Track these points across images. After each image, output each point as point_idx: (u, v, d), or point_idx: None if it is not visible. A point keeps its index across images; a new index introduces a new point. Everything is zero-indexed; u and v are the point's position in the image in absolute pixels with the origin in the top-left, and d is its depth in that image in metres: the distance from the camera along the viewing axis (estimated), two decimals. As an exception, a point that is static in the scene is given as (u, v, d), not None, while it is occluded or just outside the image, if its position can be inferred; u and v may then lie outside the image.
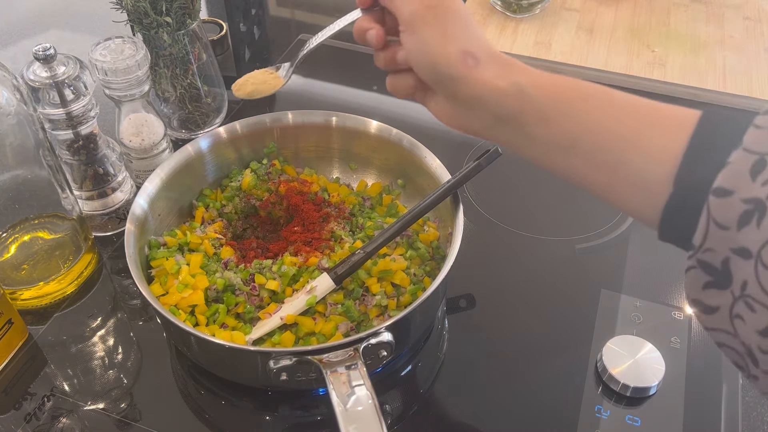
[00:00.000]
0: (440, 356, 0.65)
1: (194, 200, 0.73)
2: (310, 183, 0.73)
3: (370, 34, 0.49)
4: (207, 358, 0.60)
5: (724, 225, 0.34)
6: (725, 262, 0.34)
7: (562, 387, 0.61)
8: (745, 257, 0.33)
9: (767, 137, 0.33)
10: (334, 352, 0.52)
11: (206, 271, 0.64)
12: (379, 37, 0.49)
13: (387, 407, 0.60)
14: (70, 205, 0.68)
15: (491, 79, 0.44)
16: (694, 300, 0.36)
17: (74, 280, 0.70)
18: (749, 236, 0.33)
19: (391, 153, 0.73)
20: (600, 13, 1.06)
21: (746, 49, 0.99)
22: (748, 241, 0.33)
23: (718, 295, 0.35)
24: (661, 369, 0.60)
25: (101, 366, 0.64)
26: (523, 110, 0.43)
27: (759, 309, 0.33)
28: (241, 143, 0.74)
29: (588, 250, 0.74)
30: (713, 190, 0.34)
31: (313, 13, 1.17)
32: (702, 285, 0.35)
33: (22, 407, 0.60)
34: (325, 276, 0.61)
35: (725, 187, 0.34)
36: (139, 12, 0.75)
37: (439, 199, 0.63)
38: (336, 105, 0.94)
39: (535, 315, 0.68)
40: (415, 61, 0.47)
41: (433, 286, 0.57)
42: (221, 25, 1.04)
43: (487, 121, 0.46)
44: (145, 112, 0.75)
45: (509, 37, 1.01)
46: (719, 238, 0.34)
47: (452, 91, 0.46)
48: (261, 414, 0.61)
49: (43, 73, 0.64)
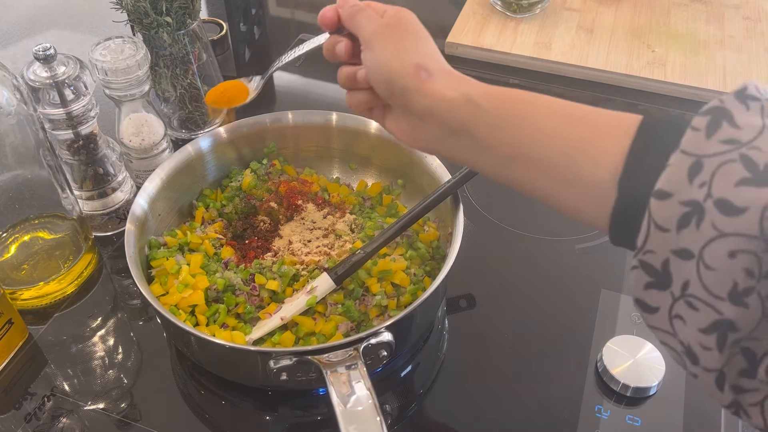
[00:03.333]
0: (440, 356, 0.65)
1: (194, 200, 0.73)
2: (310, 183, 0.73)
3: (339, 46, 0.52)
4: (207, 358, 0.60)
5: (664, 227, 0.34)
6: (665, 264, 0.35)
7: (562, 387, 0.61)
8: (685, 258, 0.34)
9: (703, 139, 0.34)
10: (334, 352, 0.52)
11: (206, 271, 0.64)
12: (347, 48, 0.52)
13: (387, 407, 0.60)
14: (70, 205, 0.68)
15: (442, 91, 0.46)
16: (637, 299, 0.37)
17: (74, 280, 0.70)
18: (689, 237, 0.33)
19: (391, 153, 0.73)
20: (600, 13, 1.06)
21: (746, 49, 0.99)
22: (688, 243, 0.33)
23: (658, 296, 0.36)
24: (661, 369, 0.60)
25: (101, 366, 0.64)
26: (473, 119, 0.45)
27: (702, 307, 0.33)
28: (241, 143, 0.74)
29: (588, 250, 0.74)
30: (654, 192, 0.35)
31: (313, 13, 1.17)
32: (643, 285, 0.36)
33: (22, 407, 0.60)
34: (325, 276, 0.61)
35: (665, 190, 0.34)
36: (139, 12, 0.75)
37: (439, 199, 0.63)
38: (336, 105, 0.94)
39: (535, 315, 0.68)
40: (373, 74, 0.49)
41: (433, 286, 0.57)
42: (221, 25, 1.04)
43: (440, 134, 0.47)
44: (145, 112, 0.75)
45: (509, 37, 1.01)
46: (659, 240, 0.35)
47: (406, 104, 0.48)
48: (261, 414, 0.61)
49: (43, 73, 0.64)
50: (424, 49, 0.48)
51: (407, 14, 0.50)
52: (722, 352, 0.34)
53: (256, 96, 0.62)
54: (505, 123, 0.43)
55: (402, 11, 0.50)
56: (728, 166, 0.33)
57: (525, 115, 0.43)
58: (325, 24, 0.52)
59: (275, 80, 1.00)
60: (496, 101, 0.44)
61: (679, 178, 0.34)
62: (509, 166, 0.44)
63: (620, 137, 0.38)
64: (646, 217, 0.35)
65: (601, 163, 0.39)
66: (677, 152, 0.34)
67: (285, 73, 1.01)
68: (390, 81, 0.48)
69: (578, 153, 0.40)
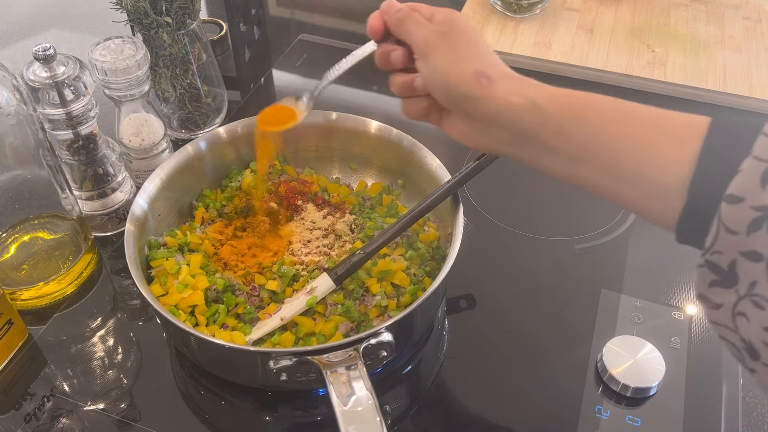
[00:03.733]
0: (440, 356, 0.65)
1: (194, 200, 0.72)
2: (310, 183, 0.73)
3: (395, 55, 0.51)
4: (207, 359, 0.60)
5: (734, 230, 0.35)
6: (732, 264, 0.36)
7: (562, 387, 0.61)
8: (754, 260, 0.34)
9: None
10: (334, 352, 0.52)
11: (206, 272, 0.64)
12: (403, 56, 0.51)
13: (387, 407, 0.60)
14: (70, 205, 0.68)
15: (506, 96, 0.45)
16: (701, 295, 0.38)
17: (74, 281, 0.70)
18: (760, 241, 0.34)
19: (391, 153, 0.73)
20: (600, 13, 1.06)
21: (746, 49, 0.99)
22: (758, 245, 0.34)
23: (722, 293, 0.37)
24: (661, 369, 0.60)
25: (101, 366, 0.64)
26: (540, 125, 0.44)
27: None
28: (241, 143, 0.74)
29: (588, 250, 0.74)
30: (725, 197, 0.35)
31: (313, 13, 1.17)
32: (708, 283, 0.37)
33: (22, 407, 0.60)
34: (325, 276, 0.61)
35: (736, 195, 0.35)
36: (139, 12, 0.75)
37: (439, 199, 0.63)
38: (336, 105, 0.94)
39: (535, 315, 0.68)
40: (431, 84, 0.48)
41: (433, 286, 0.57)
42: (221, 25, 1.04)
43: (505, 138, 0.47)
44: (145, 112, 0.75)
45: (509, 37, 1.01)
46: (728, 242, 0.35)
47: (468, 111, 0.47)
48: (261, 414, 0.61)
49: (43, 73, 0.64)
50: (481, 54, 0.47)
51: (458, 18, 0.49)
52: None
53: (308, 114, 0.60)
54: (571, 127, 0.43)
55: (452, 14, 0.49)
56: None
57: (592, 118, 0.43)
58: (372, 33, 0.51)
59: (275, 80, 1.00)
60: (562, 105, 0.44)
61: (752, 184, 0.35)
62: (576, 167, 0.44)
63: (687, 141, 0.39)
64: (715, 220, 0.36)
65: (669, 167, 0.39)
66: (749, 158, 0.35)
67: (285, 73, 1.01)
68: (450, 89, 0.47)
69: (646, 156, 0.40)
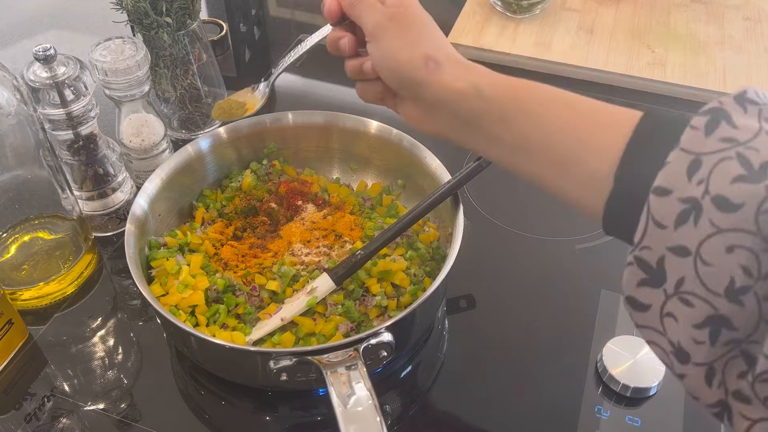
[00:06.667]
0: (440, 356, 0.65)
1: (194, 201, 0.73)
2: (310, 183, 0.73)
3: (342, 42, 0.52)
4: (207, 359, 0.60)
5: (662, 224, 0.35)
6: (660, 261, 0.35)
7: (562, 387, 0.61)
8: (681, 255, 0.34)
9: (702, 137, 0.34)
10: (334, 352, 0.52)
11: (206, 272, 0.64)
12: (350, 43, 0.52)
13: (387, 407, 0.60)
14: (70, 205, 0.68)
15: (451, 82, 0.46)
16: (628, 297, 0.38)
17: (74, 281, 0.70)
18: (687, 234, 0.34)
19: (391, 153, 0.73)
20: (600, 13, 1.06)
21: (746, 49, 0.99)
22: (685, 239, 0.34)
23: (650, 294, 0.36)
24: (661, 369, 0.60)
25: (101, 366, 0.64)
26: (483, 111, 0.45)
27: (697, 303, 0.34)
28: (241, 143, 0.74)
29: (588, 250, 0.74)
30: (653, 189, 0.35)
31: (313, 14, 1.17)
32: (637, 282, 0.37)
33: (22, 407, 0.60)
34: (325, 276, 0.61)
35: (664, 186, 0.35)
36: (140, 12, 0.75)
37: (439, 199, 0.63)
38: (336, 105, 0.94)
39: (535, 315, 0.68)
40: (381, 68, 0.49)
41: (433, 286, 0.57)
42: (221, 26, 1.04)
43: (451, 123, 0.48)
44: (145, 112, 0.75)
45: (509, 38, 1.01)
46: (657, 237, 0.35)
47: (416, 95, 0.48)
48: (261, 414, 0.61)
49: (43, 73, 0.64)
50: (429, 39, 0.48)
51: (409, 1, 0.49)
52: (714, 346, 0.34)
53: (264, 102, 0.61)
54: (512, 116, 0.44)
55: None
56: (725, 164, 0.33)
57: (531, 107, 0.44)
58: (329, 16, 0.52)
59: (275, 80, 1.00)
60: (505, 92, 0.45)
61: (679, 176, 0.34)
62: (517, 155, 0.45)
63: (620, 131, 0.39)
64: (644, 213, 0.35)
65: (603, 155, 0.39)
66: (677, 150, 0.35)
67: (285, 73, 1.01)
68: (398, 73, 0.48)
69: (581, 146, 0.41)
